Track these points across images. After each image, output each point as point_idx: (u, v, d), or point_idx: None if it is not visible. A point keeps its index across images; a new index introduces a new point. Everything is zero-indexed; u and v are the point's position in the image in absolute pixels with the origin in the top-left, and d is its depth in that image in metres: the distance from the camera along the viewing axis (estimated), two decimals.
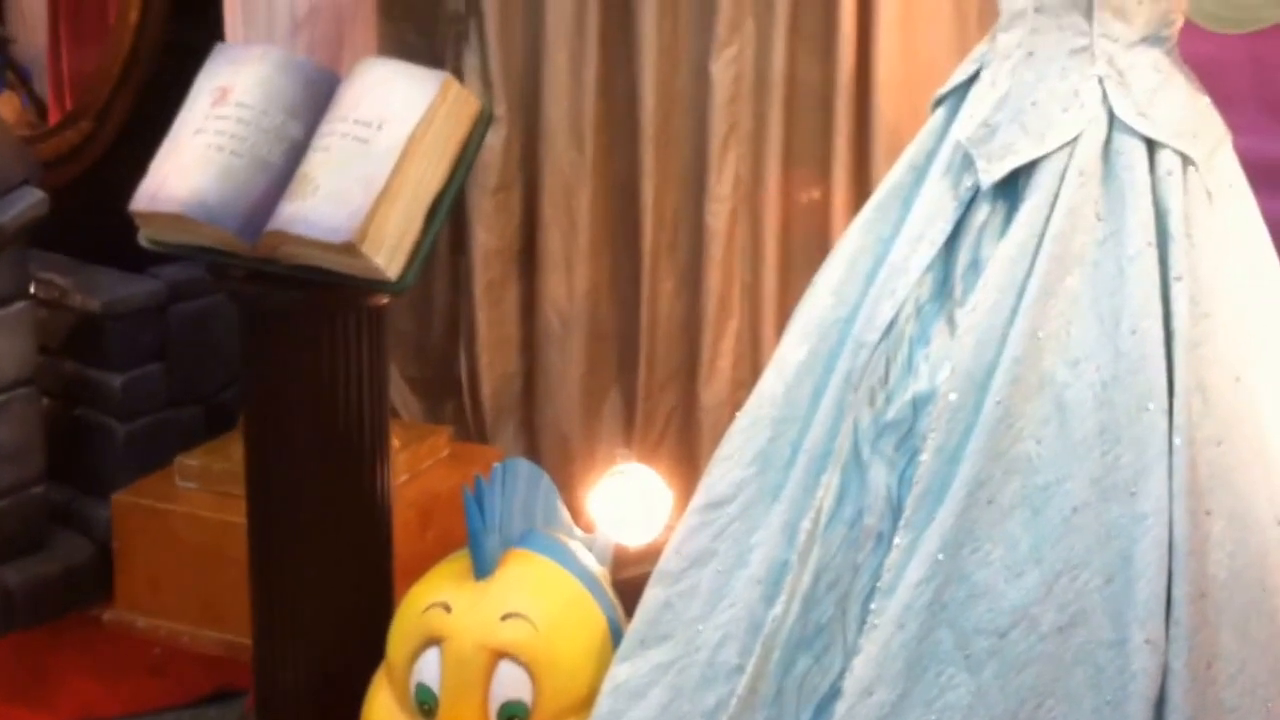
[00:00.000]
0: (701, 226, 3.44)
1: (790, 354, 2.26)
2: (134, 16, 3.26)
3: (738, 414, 2.35)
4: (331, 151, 2.51)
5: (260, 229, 2.51)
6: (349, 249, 2.44)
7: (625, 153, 3.49)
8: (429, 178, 2.52)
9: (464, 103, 2.58)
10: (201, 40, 2.94)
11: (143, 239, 2.63)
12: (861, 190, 3.29)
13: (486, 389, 3.66)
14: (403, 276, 2.49)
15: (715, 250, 3.43)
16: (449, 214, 2.59)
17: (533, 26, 3.48)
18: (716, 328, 3.47)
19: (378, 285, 2.51)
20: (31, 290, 3.11)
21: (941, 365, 2.09)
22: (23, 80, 3.83)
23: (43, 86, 3.79)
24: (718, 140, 3.38)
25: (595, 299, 3.59)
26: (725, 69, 3.34)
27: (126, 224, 2.62)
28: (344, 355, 2.61)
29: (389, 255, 2.47)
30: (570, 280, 3.56)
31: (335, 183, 2.47)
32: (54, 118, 3.69)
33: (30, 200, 3.02)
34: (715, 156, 3.39)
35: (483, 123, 2.60)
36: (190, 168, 2.54)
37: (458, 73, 3.51)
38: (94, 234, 3.25)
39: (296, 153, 2.55)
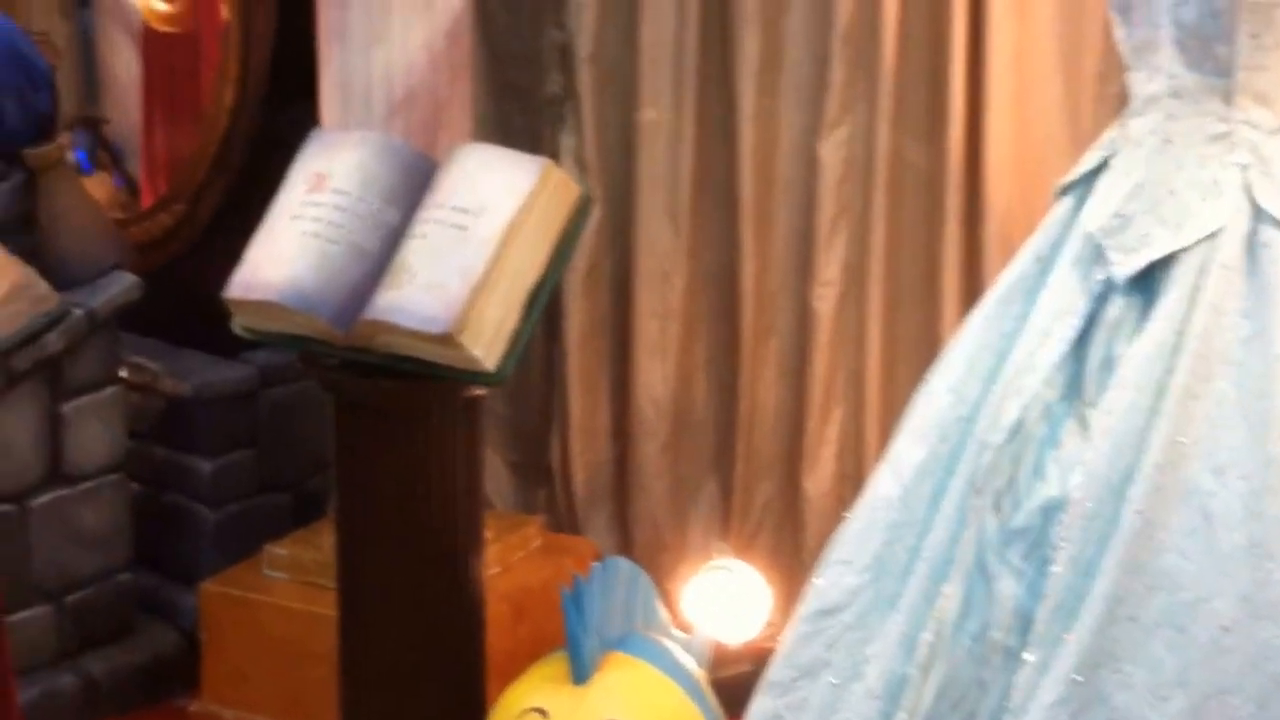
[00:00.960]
0: (805, 311, 3.37)
1: (907, 454, 2.16)
2: (229, 99, 3.23)
3: (848, 515, 2.25)
4: (429, 239, 2.45)
5: (355, 318, 2.46)
6: (447, 340, 2.38)
7: (723, 235, 3.44)
8: (528, 266, 2.46)
9: (564, 189, 2.52)
10: (297, 124, 2.91)
11: (236, 326, 2.59)
12: (971, 277, 3.21)
13: (579, 476, 3.59)
14: (500, 368, 2.43)
15: (820, 336, 3.35)
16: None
17: (629, 107, 3.44)
18: (820, 416, 3.39)
19: (475, 377, 2.45)
20: (122, 374, 3.07)
21: (1073, 469, 1.98)
22: (115, 161, 3.82)
23: (136, 167, 3.77)
24: (826, 222, 3.32)
25: (691, 385, 3.52)
26: (835, 150, 3.28)
27: (219, 308, 2.58)
28: (438, 447, 2.55)
29: (487, 346, 2.41)
30: (665, 366, 3.50)
31: (433, 271, 2.41)
32: (147, 199, 3.67)
33: (122, 285, 2.99)
34: (823, 239, 3.32)
35: (583, 209, 2.54)
36: (286, 255, 2.50)
37: (554, 153, 3.47)
38: (186, 317, 3.22)
39: (393, 240, 2.50)
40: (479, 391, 2.54)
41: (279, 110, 3.18)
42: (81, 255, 2.99)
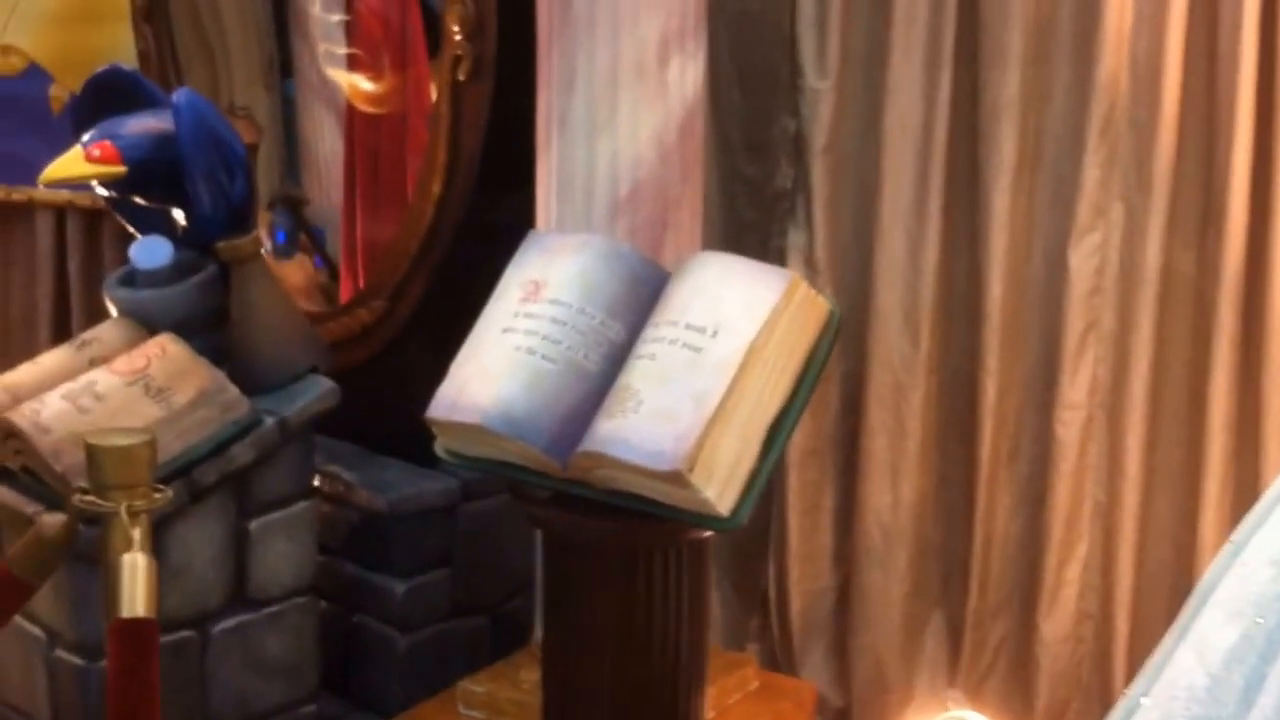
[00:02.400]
0: (1048, 435, 3.06)
1: (1215, 635, 1.83)
2: (435, 189, 3.01)
3: (1140, 698, 1.91)
4: (658, 360, 2.19)
5: (572, 447, 2.20)
6: (676, 478, 2.10)
7: (965, 348, 3.15)
8: (769, 395, 2.18)
9: (811, 306, 2.24)
10: (510, 219, 2.68)
11: (439, 450, 2.34)
12: (1246, 406, 2.90)
13: (796, 605, 3.33)
14: (735, 512, 2.14)
15: (1063, 463, 3.06)
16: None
17: (865, 203, 3.18)
18: (1061, 551, 3.09)
19: (705, 520, 2.16)
20: (315, 483, 2.84)
21: None
22: (316, 243, 3.65)
23: (337, 250, 3.59)
24: (1073, 338, 3.02)
25: (923, 510, 3.23)
26: (1086, 258, 2.98)
27: (415, 414, 2.33)
28: (661, 593, 2.28)
29: (720, 486, 2.13)
30: (896, 488, 3.22)
31: (661, 398, 2.14)
32: (346, 288, 3.47)
33: (318, 391, 2.76)
34: (1069, 357, 3.03)
35: (832, 329, 2.25)
36: (495, 372, 2.25)
37: (781, 250, 3.21)
38: (383, 421, 2.99)
39: (617, 359, 2.24)
40: (708, 533, 2.26)
41: (490, 203, 2.94)
42: (275, 356, 2.77)
